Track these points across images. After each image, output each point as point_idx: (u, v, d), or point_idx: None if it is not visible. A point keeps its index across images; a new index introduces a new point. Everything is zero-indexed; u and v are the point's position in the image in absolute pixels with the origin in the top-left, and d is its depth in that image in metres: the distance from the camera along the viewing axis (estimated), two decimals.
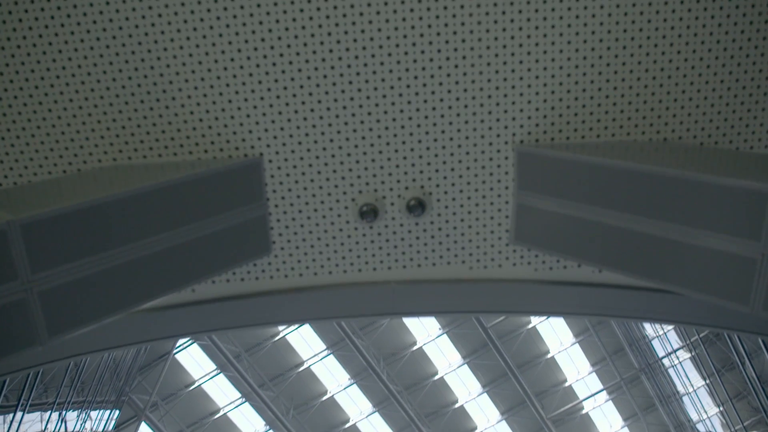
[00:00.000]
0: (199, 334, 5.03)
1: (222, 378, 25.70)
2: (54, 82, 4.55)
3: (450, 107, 4.60)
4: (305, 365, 25.51)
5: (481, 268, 4.87)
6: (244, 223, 4.58)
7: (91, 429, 21.83)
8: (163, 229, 4.17)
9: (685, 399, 26.46)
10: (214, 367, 25.50)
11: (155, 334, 5.00)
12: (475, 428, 27.36)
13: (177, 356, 25.18)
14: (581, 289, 4.93)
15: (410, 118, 4.61)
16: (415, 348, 25.34)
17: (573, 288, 4.93)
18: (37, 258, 3.66)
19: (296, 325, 24.57)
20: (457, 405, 26.70)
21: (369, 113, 4.60)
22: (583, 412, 27.26)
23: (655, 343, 25.89)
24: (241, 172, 4.57)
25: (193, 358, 25.57)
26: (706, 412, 25.76)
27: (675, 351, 24.99)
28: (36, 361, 5.06)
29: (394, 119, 4.61)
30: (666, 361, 25.81)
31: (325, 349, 25.21)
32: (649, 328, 25.64)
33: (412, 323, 24.99)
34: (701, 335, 22.81)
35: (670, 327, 24.69)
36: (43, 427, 16.39)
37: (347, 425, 26.80)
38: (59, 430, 17.92)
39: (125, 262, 4.03)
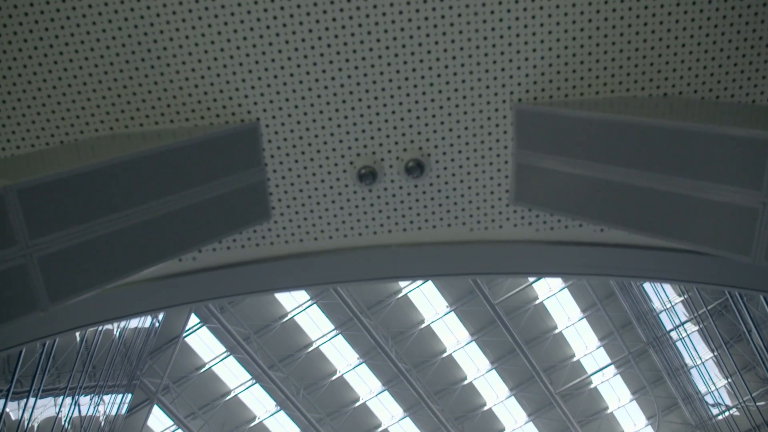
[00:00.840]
0: (203, 302, 5.05)
1: (232, 360, 25.93)
2: (47, 51, 4.52)
3: (447, 66, 4.55)
4: (314, 346, 25.68)
5: (481, 230, 4.85)
6: (243, 188, 4.57)
7: (104, 413, 22.09)
8: (162, 194, 4.16)
9: (693, 371, 26.49)
10: (224, 349, 25.72)
11: (159, 304, 5.03)
12: (485, 404, 27.53)
13: (187, 339, 25.41)
14: (583, 249, 4.91)
15: (407, 79, 4.57)
16: (423, 326, 25.44)
17: (575, 248, 4.91)
18: (35, 223, 3.66)
19: (305, 305, 24.73)
20: (465, 382, 26.85)
21: (365, 74, 4.55)
22: (592, 386, 27.37)
23: (663, 317, 25.87)
24: (238, 138, 4.55)
25: (203, 341, 25.80)
26: (714, 384, 25.81)
27: (683, 324, 24.96)
28: (45, 331, 5.10)
29: (390, 80, 4.57)
30: (674, 334, 25.81)
31: (333, 329, 25.35)
32: (656, 302, 25.62)
33: (419, 301, 25.06)
34: (709, 307, 22.78)
35: (678, 300, 24.66)
36: (57, 412, 16.58)
37: (357, 404, 27.03)
38: (72, 414, 18.11)
39: (124, 228, 4.03)
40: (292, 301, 24.93)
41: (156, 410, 26.37)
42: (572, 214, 4.56)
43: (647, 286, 25.44)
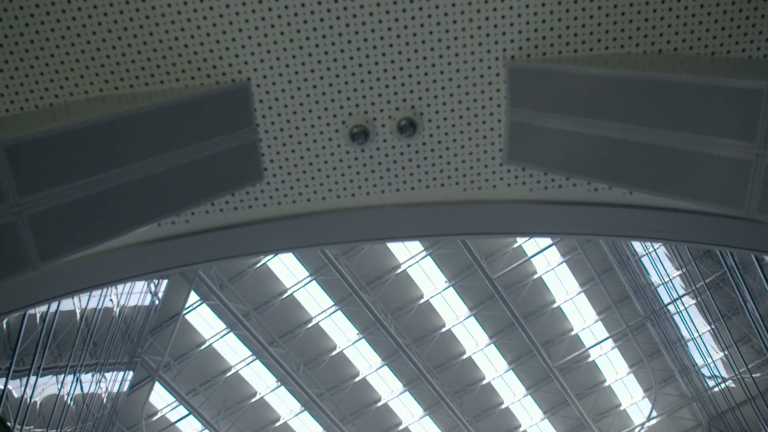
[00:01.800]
0: (198, 264, 5.05)
1: (232, 337, 26.10)
2: (33, 11, 4.46)
3: (438, 23, 4.49)
4: (314, 322, 25.82)
5: (475, 190, 4.84)
6: (235, 149, 4.54)
7: (106, 390, 22.27)
8: (153, 153, 4.14)
9: (690, 344, 26.70)
10: (224, 326, 25.86)
11: (153, 267, 5.03)
12: (483, 379, 27.78)
13: (187, 317, 25.54)
14: (577, 209, 4.90)
15: (398, 36, 4.51)
16: (422, 301, 25.56)
17: (568, 207, 4.90)
18: (24, 181, 3.64)
19: (304, 282, 24.80)
20: (464, 356, 27.06)
21: (356, 32, 4.50)
22: (590, 359, 27.60)
23: (661, 290, 26.00)
24: (229, 97, 4.51)
25: (203, 319, 25.93)
26: (711, 356, 26.03)
27: (680, 297, 25.09)
28: (44, 295, 5.09)
29: (381, 38, 4.51)
30: (671, 308, 25.96)
31: (332, 305, 25.47)
32: (654, 276, 25.73)
33: (418, 277, 25.14)
34: (707, 281, 22.88)
35: (676, 273, 24.77)
36: (59, 389, 16.69)
37: (357, 379, 27.27)
38: (75, 391, 18.24)
39: (115, 187, 4.01)
40: (292, 278, 25.01)
41: (157, 387, 26.62)
42: (566, 172, 4.54)
43: (645, 260, 25.54)
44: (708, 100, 3.84)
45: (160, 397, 27.48)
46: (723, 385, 26.40)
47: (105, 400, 22.31)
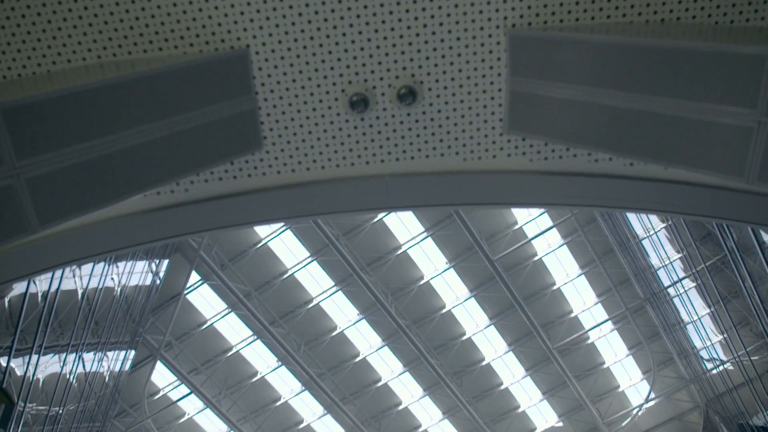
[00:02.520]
0: (195, 233, 5.05)
1: (233, 317, 26.24)
2: None
3: None
4: (314, 302, 25.94)
5: (475, 159, 4.82)
6: (234, 116, 4.52)
7: (108, 369, 22.43)
8: (151, 119, 4.12)
9: (689, 327, 26.78)
10: (225, 306, 25.99)
11: (153, 236, 5.03)
12: (483, 360, 27.95)
13: (188, 297, 25.66)
14: (576, 180, 4.88)
15: (398, 3, 4.46)
16: (422, 282, 25.64)
17: (568, 178, 4.88)
18: (21, 144, 3.63)
19: (305, 262, 24.86)
20: (464, 338, 27.21)
21: None
22: (589, 341, 27.74)
23: (661, 273, 26.03)
24: (228, 64, 4.47)
25: (204, 298, 26.06)
26: (710, 339, 26.12)
27: (681, 280, 25.11)
28: (45, 263, 5.10)
29: (381, 5, 4.46)
30: (671, 291, 26.00)
31: (333, 286, 25.56)
32: (655, 258, 25.73)
33: (419, 257, 25.18)
34: (708, 264, 22.87)
35: (677, 256, 24.76)
36: (61, 368, 16.80)
37: (357, 359, 27.45)
38: (77, 370, 18.36)
39: (113, 152, 4.00)
40: (293, 258, 25.08)
41: (159, 366, 26.82)
42: (567, 142, 4.52)
43: (646, 242, 25.54)
44: (710, 66, 3.81)
45: (161, 376, 27.73)
46: (721, 368, 26.52)
47: (107, 379, 22.49)
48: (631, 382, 29.04)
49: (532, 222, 24.91)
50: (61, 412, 17.64)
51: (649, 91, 4.04)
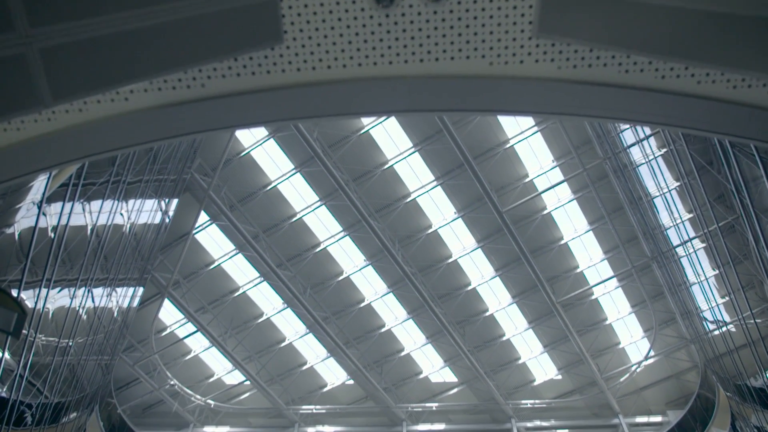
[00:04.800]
0: (213, 131, 4.92)
1: (241, 258, 26.44)
2: None
3: None
4: (322, 246, 26.04)
5: (501, 64, 4.63)
6: (255, 6, 4.33)
7: (117, 304, 22.74)
8: None
9: (695, 288, 26.76)
10: (233, 247, 26.16)
11: (168, 132, 4.91)
12: (487, 310, 28.18)
13: (197, 236, 25.81)
14: (604, 90, 4.70)
15: None
16: (430, 231, 25.64)
17: (596, 88, 4.69)
18: (35, 11, 3.49)
19: (314, 206, 24.81)
20: (469, 288, 27.36)
21: None
22: (593, 297, 27.84)
23: (671, 233, 25.86)
24: None
25: (212, 239, 26.21)
26: (715, 299, 26.12)
27: (691, 240, 24.95)
28: (57, 159, 5.00)
29: None
30: (679, 251, 25.87)
31: (341, 231, 25.61)
32: (665, 217, 25.53)
33: (428, 206, 25.11)
34: (721, 224, 22.66)
35: (688, 216, 24.54)
36: (70, 301, 17.01)
37: (362, 304, 27.73)
38: (86, 304, 18.59)
39: (130, 30, 3.85)
40: (301, 202, 25.07)
41: (167, 304, 27.23)
42: (599, 44, 4.32)
43: (658, 201, 25.29)
44: None
45: (169, 314, 28.19)
46: (724, 329, 26.62)
47: (116, 314, 22.82)
48: (632, 340, 29.28)
49: (543, 176, 24.69)
50: (70, 344, 17.98)
51: None
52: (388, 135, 23.51)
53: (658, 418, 30.08)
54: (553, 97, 4.76)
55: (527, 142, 24.00)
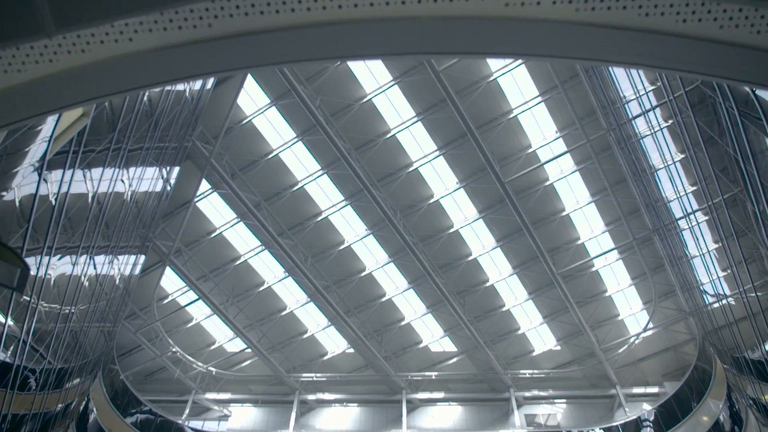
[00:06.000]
0: (222, 73, 4.82)
1: (242, 226, 26.40)
2: None
3: None
4: (323, 215, 25.99)
5: (518, 6, 4.50)
6: None
7: (119, 272, 22.76)
8: None
9: (696, 261, 26.78)
10: (235, 215, 26.10)
11: (177, 74, 4.80)
12: (487, 281, 28.25)
13: (198, 204, 25.73)
14: (623, 34, 4.59)
15: None
16: (431, 201, 25.56)
17: (615, 32, 4.58)
18: None
19: (315, 175, 24.66)
20: (470, 258, 27.39)
21: None
22: (593, 269, 27.89)
23: (673, 206, 25.78)
24: None
25: (214, 207, 26.13)
26: (717, 272, 26.15)
27: (694, 212, 24.88)
28: (65, 101, 4.89)
29: None
30: (682, 223, 25.82)
31: (343, 200, 25.53)
32: (669, 190, 25.43)
33: (430, 176, 24.98)
34: (725, 196, 22.55)
35: (692, 188, 24.45)
36: (72, 268, 16.98)
37: (363, 274, 27.79)
38: (88, 271, 18.59)
39: None
40: (303, 171, 24.95)
41: (168, 272, 27.27)
42: None
43: (662, 173, 25.16)
44: None
45: (170, 282, 28.25)
46: (724, 302, 26.72)
47: (118, 281, 22.87)
48: (631, 312, 29.43)
49: (546, 146, 24.52)
50: (73, 311, 18.03)
51: None
52: (391, 104, 23.28)
53: (654, 389, 30.41)
54: (568, 39, 4.64)
55: (531, 113, 23.78)
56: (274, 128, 23.91)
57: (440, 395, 31.44)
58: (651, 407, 28.33)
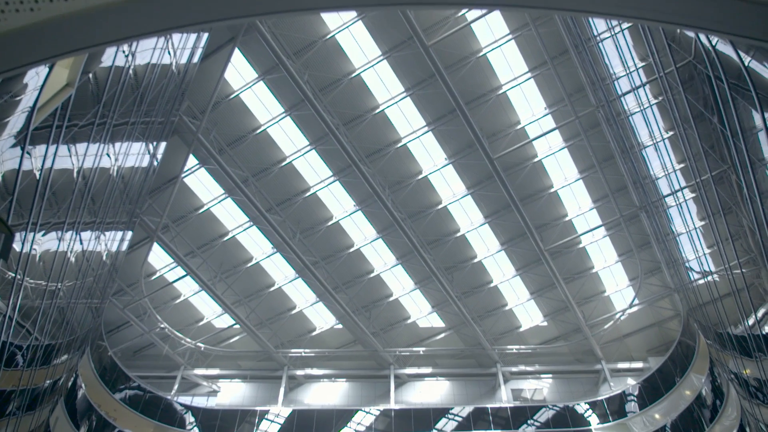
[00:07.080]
0: (223, 21, 4.70)
1: (230, 202, 26.22)
2: None
3: None
4: (312, 191, 25.88)
5: None
6: None
7: (106, 248, 22.58)
8: None
9: (682, 238, 26.96)
10: (222, 191, 25.90)
11: (186, 20, 4.69)
12: (475, 257, 28.36)
13: (186, 180, 25.49)
14: None
15: None
16: (420, 177, 25.50)
17: None
18: None
19: (303, 150, 24.47)
20: (458, 234, 27.45)
21: None
22: (580, 246, 28.05)
23: (661, 183, 25.86)
24: None
25: (201, 183, 25.90)
26: (703, 249, 26.35)
27: (681, 189, 24.97)
28: (60, 49, 4.77)
29: None
30: (669, 201, 25.93)
31: (331, 176, 25.41)
32: (657, 167, 25.49)
33: (418, 152, 24.89)
34: (714, 173, 22.61)
35: (680, 165, 24.51)
36: (58, 244, 16.80)
37: (351, 250, 27.80)
38: (74, 247, 18.40)
39: None
40: (291, 146, 24.76)
41: (156, 248, 27.09)
42: None
43: (650, 150, 25.20)
44: None
45: (158, 258, 28.11)
46: (709, 278, 26.99)
47: (104, 257, 22.70)
48: (618, 288, 29.70)
49: (535, 123, 24.45)
50: (59, 287, 17.89)
51: None
52: (380, 79, 23.07)
53: (639, 364, 30.86)
54: None
55: (520, 89, 23.67)
56: (261, 103, 23.65)
57: (428, 370, 31.75)
58: (635, 382, 28.77)
